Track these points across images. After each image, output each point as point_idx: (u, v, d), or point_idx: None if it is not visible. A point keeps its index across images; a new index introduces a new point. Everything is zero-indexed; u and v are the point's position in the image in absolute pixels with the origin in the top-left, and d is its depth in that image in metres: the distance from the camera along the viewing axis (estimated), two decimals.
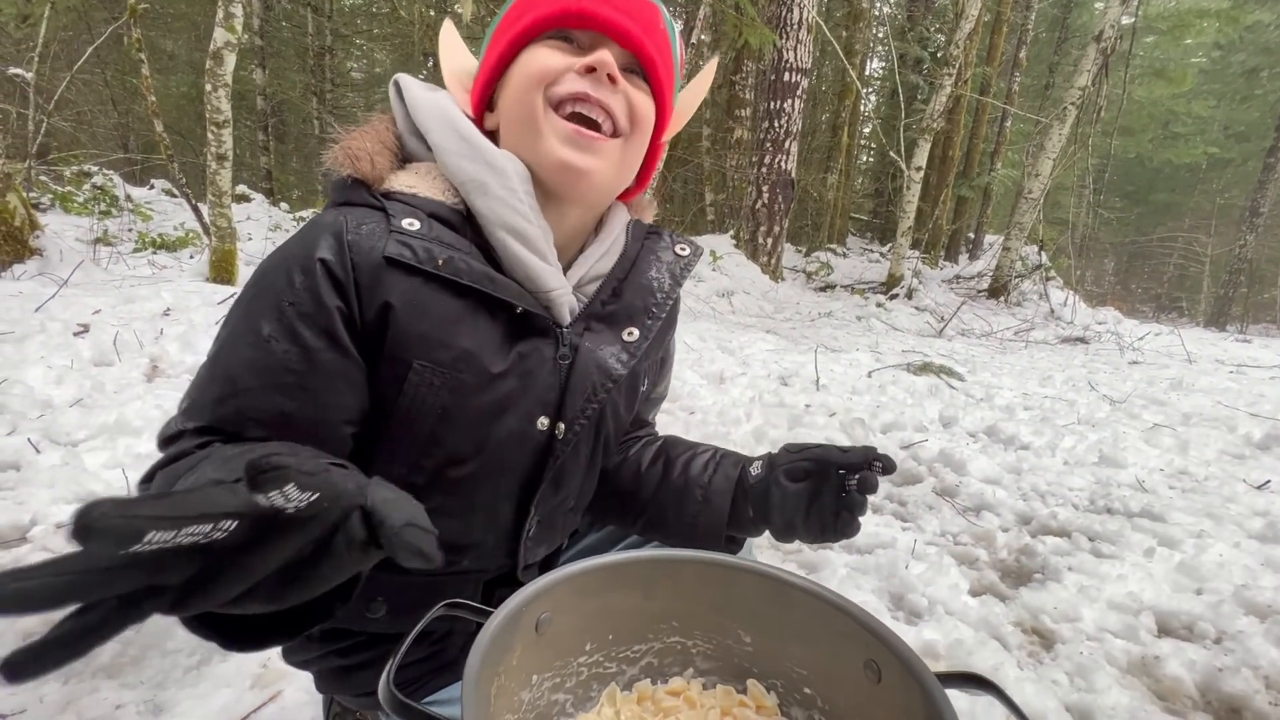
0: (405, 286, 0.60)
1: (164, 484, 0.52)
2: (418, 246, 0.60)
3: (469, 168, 0.63)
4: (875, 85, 15.77)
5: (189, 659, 1.22)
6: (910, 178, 8.02)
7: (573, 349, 0.68)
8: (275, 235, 7.23)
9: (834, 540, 0.67)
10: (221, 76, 4.24)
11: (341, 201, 0.63)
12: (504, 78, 0.67)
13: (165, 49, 12.41)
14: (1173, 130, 15.59)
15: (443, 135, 0.65)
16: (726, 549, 0.76)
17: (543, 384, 0.67)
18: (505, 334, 0.64)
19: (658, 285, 0.74)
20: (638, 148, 0.69)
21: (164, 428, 0.58)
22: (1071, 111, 7.68)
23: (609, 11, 0.62)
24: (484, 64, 0.69)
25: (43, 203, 6.37)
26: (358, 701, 0.78)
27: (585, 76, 0.62)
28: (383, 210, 0.62)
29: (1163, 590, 1.71)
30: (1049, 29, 15.20)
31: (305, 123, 13.78)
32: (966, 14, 7.62)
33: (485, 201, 0.63)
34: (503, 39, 0.66)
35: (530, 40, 0.65)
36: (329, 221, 0.60)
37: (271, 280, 0.59)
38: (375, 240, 0.60)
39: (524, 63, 0.64)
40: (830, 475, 0.66)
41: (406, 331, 0.60)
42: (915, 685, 0.48)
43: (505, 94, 0.67)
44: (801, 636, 0.57)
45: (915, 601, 1.58)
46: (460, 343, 0.61)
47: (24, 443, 1.88)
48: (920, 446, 2.68)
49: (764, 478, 0.71)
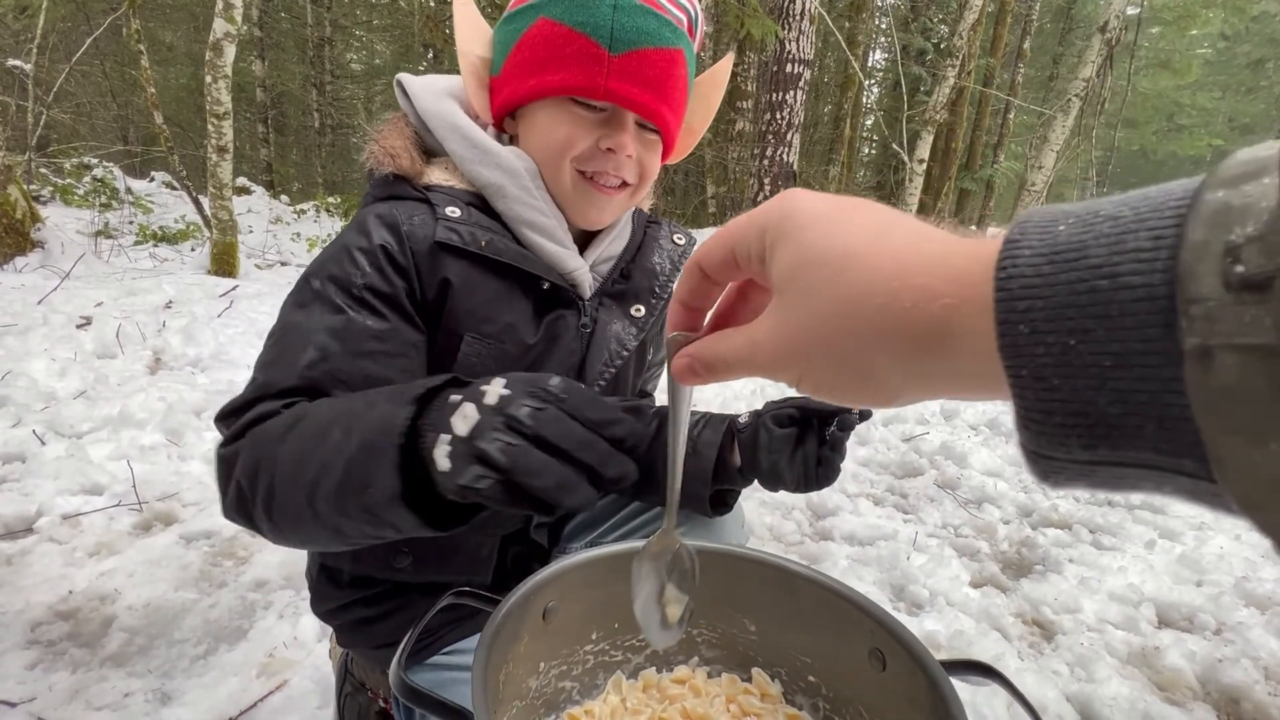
0: (457, 268, 0.67)
1: (268, 439, 0.55)
2: (463, 230, 0.67)
3: (485, 173, 0.70)
4: (878, 77, 15.68)
5: (196, 648, 1.23)
6: (913, 170, 7.98)
7: (593, 319, 0.77)
8: (276, 228, 7.22)
9: (816, 487, 0.72)
10: (221, 68, 4.22)
11: (386, 195, 0.69)
12: (525, 109, 0.71)
13: (164, 40, 12.34)
14: (1177, 122, 15.47)
15: (458, 145, 0.71)
16: (715, 510, 0.82)
17: (566, 349, 0.75)
18: (535, 308, 0.72)
19: (660, 269, 0.83)
20: (644, 188, 0.76)
21: (232, 401, 0.61)
22: (1075, 103, 7.63)
23: (632, 90, 0.66)
24: (504, 84, 0.70)
25: (43, 195, 6.36)
26: (376, 654, 0.81)
27: (606, 154, 0.68)
28: (427, 201, 0.68)
29: (1163, 582, 1.71)
30: (1053, 20, 15.07)
31: (305, 114, 13.72)
32: (970, 4, 7.56)
33: (505, 204, 0.70)
34: (528, 77, 0.67)
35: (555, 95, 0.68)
36: (384, 213, 0.67)
37: (340, 265, 0.65)
38: (426, 229, 0.66)
39: (550, 120, 0.68)
40: (813, 420, 0.73)
41: (459, 308, 0.68)
42: (920, 673, 0.48)
43: (529, 131, 0.71)
44: (806, 625, 0.57)
45: (917, 593, 1.59)
46: (503, 317, 0.69)
47: (29, 434, 1.89)
48: (922, 439, 2.68)
49: (751, 423, 0.77)
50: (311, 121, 13.40)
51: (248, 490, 0.54)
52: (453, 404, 0.44)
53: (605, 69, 0.64)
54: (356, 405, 0.51)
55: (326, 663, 1.20)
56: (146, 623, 1.28)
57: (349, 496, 0.48)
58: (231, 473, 0.56)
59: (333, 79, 13.71)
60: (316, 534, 0.53)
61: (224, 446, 0.59)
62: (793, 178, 7.60)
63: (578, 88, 0.65)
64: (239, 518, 0.57)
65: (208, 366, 2.67)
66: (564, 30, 0.63)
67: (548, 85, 0.66)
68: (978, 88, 10.23)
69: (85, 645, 1.22)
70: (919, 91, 10.72)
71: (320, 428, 0.51)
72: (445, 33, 9.08)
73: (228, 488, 0.57)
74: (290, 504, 0.51)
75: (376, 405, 0.50)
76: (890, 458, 2.53)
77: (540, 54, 0.65)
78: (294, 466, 0.51)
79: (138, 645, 1.23)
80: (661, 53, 0.66)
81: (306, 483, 0.50)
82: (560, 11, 0.64)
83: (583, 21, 0.63)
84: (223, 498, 0.58)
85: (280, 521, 0.53)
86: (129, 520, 1.61)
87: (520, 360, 0.71)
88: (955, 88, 8.18)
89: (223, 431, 0.60)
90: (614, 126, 0.67)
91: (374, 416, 0.48)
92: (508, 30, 0.68)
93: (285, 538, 0.56)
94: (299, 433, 0.52)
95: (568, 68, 0.64)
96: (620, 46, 0.63)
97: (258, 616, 1.32)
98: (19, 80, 6.47)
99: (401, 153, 0.70)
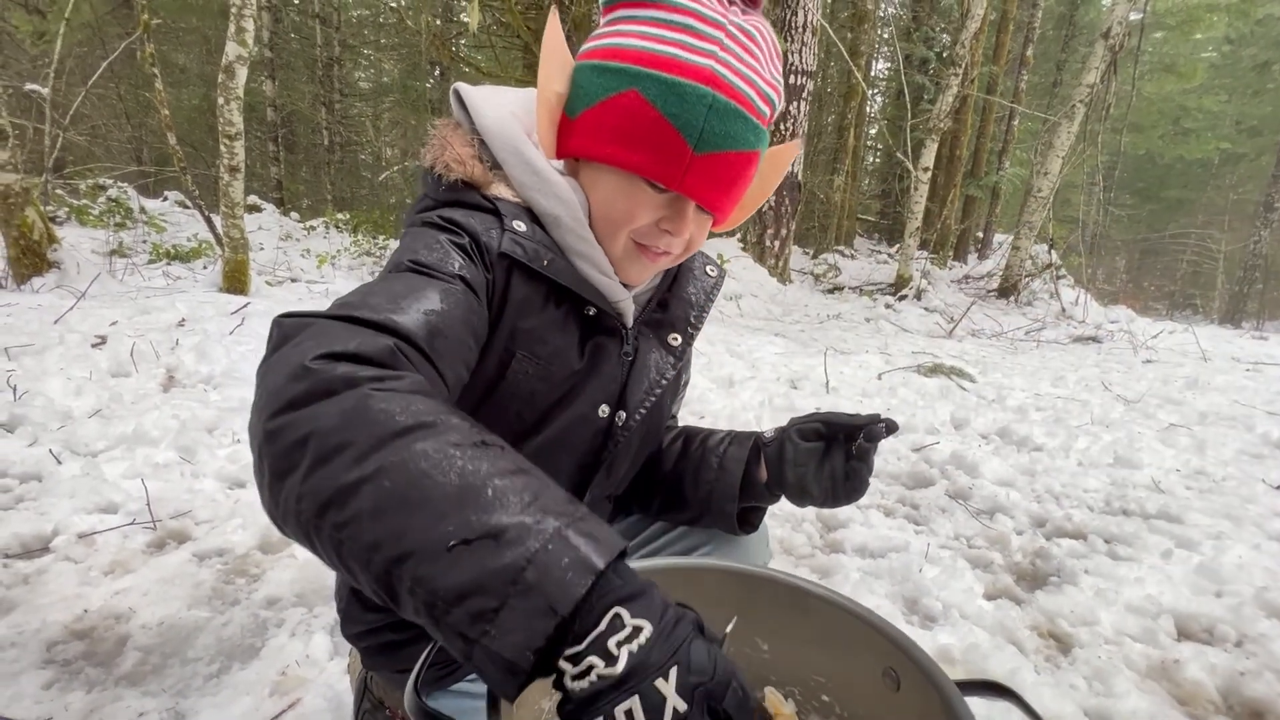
0: (518, 283, 0.67)
1: (378, 417, 0.43)
2: (528, 246, 0.67)
3: (543, 202, 0.70)
4: (881, 86, 15.73)
5: (209, 667, 1.23)
6: (917, 178, 7.99)
7: (634, 348, 0.78)
8: (286, 244, 7.31)
9: (844, 502, 0.72)
10: (233, 90, 4.29)
11: (454, 200, 0.69)
12: (594, 164, 0.70)
13: (177, 63, 12.59)
14: (1183, 126, 15.42)
15: (518, 170, 0.71)
16: (742, 529, 0.82)
17: (608, 376, 0.75)
18: (581, 333, 0.73)
19: (694, 300, 0.84)
20: (687, 255, 0.77)
21: (335, 307, 0.53)
22: (1080, 109, 7.62)
23: (706, 189, 0.67)
24: (579, 133, 0.68)
25: (59, 216, 6.47)
26: (400, 678, 0.81)
27: (663, 232, 0.70)
28: (496, 212, 0.68)
29: (1181, 593, 1.69)
30: (1056, 26, 15.10)
31: (314, 132, 13.93)
32: (972, 13, 7.59)
33: (559, 233, 0.70)
34: (607, 143, 0.65)
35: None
36: (461, 217, 0.66)
37: (432, 251, 0.62)
38: (493, 239, 0.66)
39: (617, 190, 0.68)
40: (840, 434, 0.73)
41: (517, 325, 0.68)
42: (934, 693, 0.48)
43: (592, 185, 0.70)
44: (819, 644, 0.57)
45: (930, 606, 1.57)
46: (554, 340, 0.70)
47: (45, 453, 1.91)
48: (932, 449, 2.67)
49: (778, 438, 0.77)
50: (321, 139, 13.60)
51: (310, 456, 0.41)
52: (620, 630, 0.37)
53: (685, 165, 0.64)
54: (512, 494, 0.40)
55: (340, 680, 1.20)
56: (160, 641, 1.29)
57: (451, 612, 0.37)
58: (307, 396, 0.43)
59: (341, 97, 13.93)
60: (348, 574, 0.42)
61: (323, 360, 0.45)
62: (798, 187, 7.63)
63: (656, 173, 0.65)
64: (266, 445, 0.43)
65: (220, 384, 2.70)
66: (655, 115, 0.62)
67: (626, 160, 0.65)
68: (981, 95, 10.25)
69: (100, 664, 1.23)
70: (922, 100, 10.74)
71: (462, 488, 0.40)
72: (451, 51, 9.21)
73: (295, 400, 0.44)
74: (356, 538, 0.40)
75: (543, 525, 0.39)
76: (901, 468, 2.52)
77: (625, 127, 0.64)
78: (399, 506, 0.40)
79: (152, 664, 1.24)
80: (741, 155, 0.66)
81: (404, 542, 0.39)
82: (656, 94, 0.62)
83: (676, 114, 0.62)
84: (271, 387, 0.45)
85: (320, 529, 0.41)
86: (143, 538, 1.62)
87: (565, 383, 0.72)
88: (958, 96, 8.19)
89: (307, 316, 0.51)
90: (676, 210, 0.68)
91: (544, 548, 0.38)
92: (595, 83, 0.65)
93: (295, 528, 0.43)
94: (428, 458, 0.41)
95: (650, 152, 0.64)
96: (705, 147, 0.63)
97: (270, 634, 1.33)
98: (37, 104, 6.61)
99: (470, 160, 0.70)
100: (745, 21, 0.65)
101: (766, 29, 0.67)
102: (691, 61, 0.61)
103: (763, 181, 0.76)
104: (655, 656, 0.36)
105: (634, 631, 0.37)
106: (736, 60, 0.63)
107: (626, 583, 0.39)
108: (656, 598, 0.40)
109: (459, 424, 0.45)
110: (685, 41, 0.62)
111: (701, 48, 0.62)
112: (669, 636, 0.38)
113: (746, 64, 0.64)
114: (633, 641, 0.37)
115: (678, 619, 0.39)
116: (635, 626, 0.37)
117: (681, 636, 0.38)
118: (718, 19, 0.63)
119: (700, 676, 0.37)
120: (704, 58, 0.62)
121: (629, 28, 0.64)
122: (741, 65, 0.63)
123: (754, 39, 0.65)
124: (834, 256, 10.26)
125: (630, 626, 0.37)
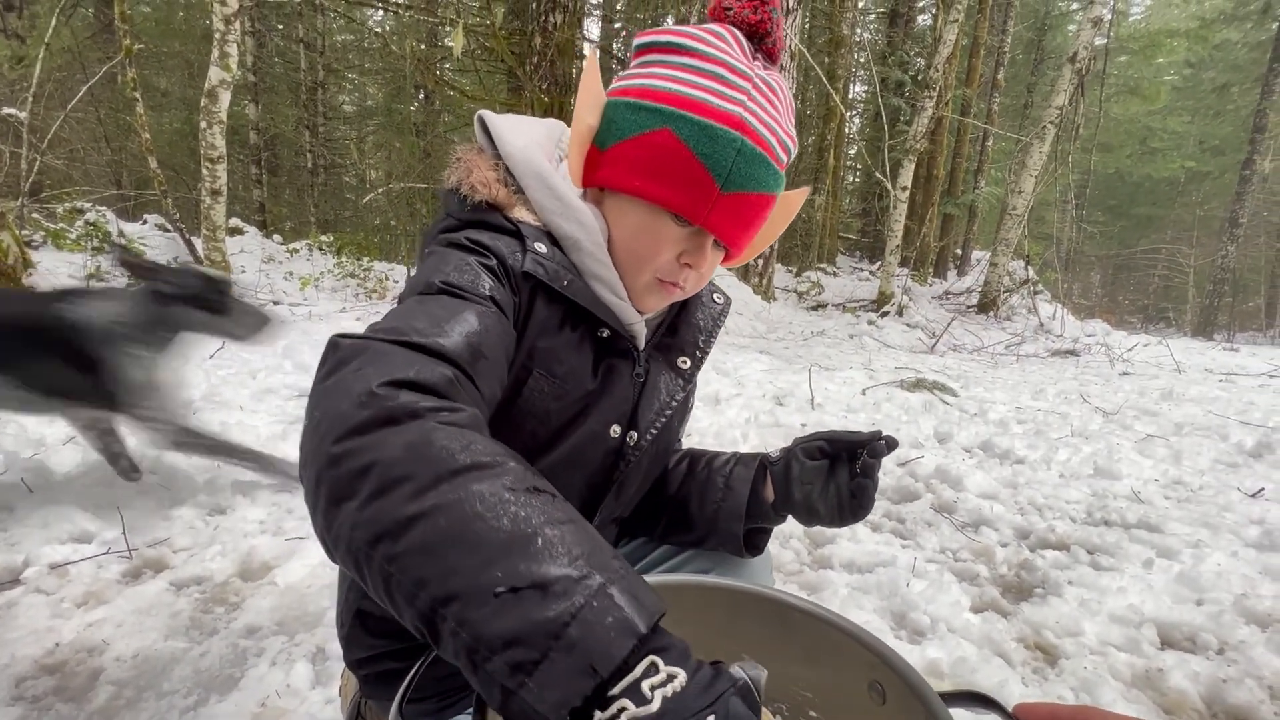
0: (539, 303, 0.69)
1: (439, 453, 0.43)
2: (549, 266, 0.69)
3: (564, 226, 0.72)
4: (859, 108, 16.10)
5: (186, 699, 1.20)
6: (896, 197, 8.15)
7: (645, 370, 0.80)
8: (269, 267, 7.25)
9: (851, 520, 0.74)
10: (216, 114, 4.30)
11: (477, 221, 0.71)
12: (620, 195, 0.72)
13: (159, 86, 12.55)
14: (1150, 145, 15.95)
15: (540, 194, 0.73)
16: (748, 551, 0.83)
17: (620, 396, 0.77)
18: (595, 354, 0.75)
19: (703, 326, 0.86)
20: (699, 287, 0.79)
21: (384, 331, 0.53)
22: (1050, 130, 7.86)
23: (728, 227, 0.70)
24: (609, 164, 0.70)
25: (35, 240, 6.38)
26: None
27: (683, 267, 0.73)
28: (518, 235, 0.70)
29: (1163, 602, 1.71)
30: (1025, 51, 15.62)
31: (298, 155, 13.90)
32: (944, 38, 7.83)
33: (579, 256, 0.72)
34: (637, 177, 0.68)
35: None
36: (487, 239, 0.68)
37: (461, 274, 0.64)
38: (516, 260, 0.68)
39: (644, 223, 0.71)
40: (843, 452, 0.75)
41: (536, 344, 0.69)
42: (919, 706, 0.48)
43: (617, 217, 0.73)
44: (805, 659, 0.57)
45: (917, 620, 1.57)
46: (570, 359, 0.72)
47: (17, 482, 1.87)
48: (916, 463, 2.69)
49: (784, 458, 0.79)
50: (304, 162, 13.57)
51: (370, 485, 0.42)
52: (654, 675, 0.38)
53: (711, 202, 0.67)
54: (559, 545, 0.41)
55: (322, 710, 1.17)
56: (135, 674, 1.25)
57: (492, 659, 0.37)
58: (373, 423, 0.44)
59: (325, 121, 13.94)
60: (390, 605, 0.42)
61: (389, 387, 0.46)
62: None
63: (683, 208, 0.68)
64: (328, 469, 0.43)
65: (200, 408, 2.65)
66: (687, 153, 0.65)
67: (656, 195, 0.68)
68: (955, 117, 10.53)
69: (72, 700, 1.19)
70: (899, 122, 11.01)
71: (514, 535, 0.40)
72: (436, 75, 9.28)
73: (362, 425, 0.44)
74: (405, 572, 0.40)
75: (590, 580, 0.39)
76: (886, 483, 2.53)
77: (657, 162, 0.67)
78: (451, 545, 0.40)
79: (126, 698, 1.20)
80: (762, 197, 0.70)
81: (451, 583, 0.39)
82: (688, 134, 0.65)
83: (707, 154, 0.65)
84: (337, 411, 0.45)
85: (371, 558, 0.41)
86: (118, 568, 1.58)
87: (578, 402, 0.73)
88: (933, 117, 8.40)
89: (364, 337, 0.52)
90: (696, 244, 0.72)
91: (589, 605, 0.38)
92: (629, 119, 0.68)
93: (345, 554, 0.43)
94: (482, 500, 0.41)
95: (679, 188, 0.67)
96: (731, 187, 0.67)
97: (249, 664, 1.30)
98: (13, 128, 6.55)
99: (495, 184, 0.72)
100: (768, 75, 0.70)
101: (784, 85, 0.72)
102: (722, 107, 0.65)
103: (773, 225, 0.80)
104: (693, 704, 0.37)
105: (668, 678, 0.37)
106: (761, 110, 0.67)
107: (663, 641, 0.40)
108: (691, 654, 0.40)
109: (515, 468, 0.45)
110: (716, 89, 0.66)
111: (732, 95, 0.66)
112: (708, 688, 0.38)
113: (770, 114, 0.68)
114: (666, 686, 0.37)
115: (716, 674, 0.39)
116: (670, 674, 0.37)
117: (721, 689, 0.38)
118: (745, 70, 0.67)
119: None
120: (734, 105, 0.66)
121: (662, 70, 0.68)
122: (765, 115, 0.68)
123: (775, 92, 0.70)
124: (817, 274, 10.40)
125: (665, 673, 0.37)
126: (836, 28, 11.06)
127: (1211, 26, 13.58)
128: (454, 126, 11.18)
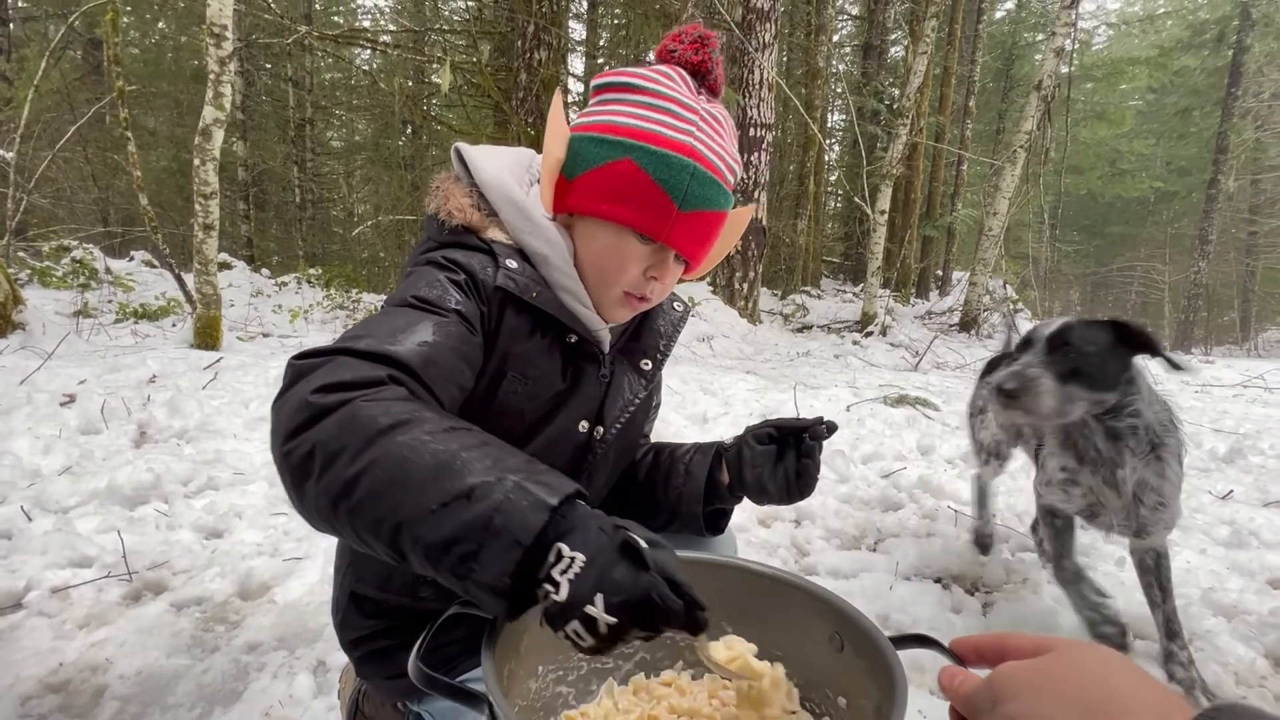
0: (510, 314, 0.77)
1: (367, 422, 0.52)
2: (519, 280, 0.77)
3: (534, 243, 0.80)
4: (837, 136, 16.56)
5: (190, 713, 1.23)
6: (876, 221, 8.38)
7: (609, 371, 0.88)
8: (257, 300, 7.29)
9: (798, 498, 0.82)
10: (209, 151, 4.39)
11: (454, 242, 0.79)
12: (588, 219, 0.81)
13: (148, 126, 12.68)
14: (1119, 167, 16.45)
15: (511, 215, 0.81)
16: (709, 531, 0.91)
17: (588, 395, 0.85)
18: (564, 358, 0.83)
19: (663, 331, 0.96)
20: (661, 298, 0.87)
21: (336, 344, 0.61)
22: (1021, 154, 8.14)
23: (687, 243, 0.80)
24: (576, 192, 0.79)
25: (20, 278, 6.39)
26: (390, 685, 0.86)
27: (649, 280, 0.81)
28: (490, 252, 0.78)
29: (1135, 597, 1.77)
30: (995, 79, 16.20)
31: (286, 190, 14.02)
32: (915, 69, 8.15)
33: (547, 270, 0.80)
34: (603, 202, 0.77)
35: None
36: (460, 256, 0.76)
37: (432, 289, 0.72)
38: (489, 275, 0.76)
39: (611, 244, 0.79)
40: (790, 437, 0.83)
41: (509, 350, 0.77)
42: (873, 649, 0.55)
43: (586, 238, 0.81)
44: (776, 620, 0.64)
45: (900, 622, 1.63)
46: (542, 363, 0.79)
47: (16, 511, 1.89)
48: (900, 474, 2.76)
49: (737, 444, 0.88)
50: (292, 197, 13.69)
51: (318, 463, 0.52)
52: (561, 562, 0.47)
53: (671, 221, 0.77)
54: (476, 462, 0.51)
55: (324, 716, 1.21)
56: (139, 690, 1.28)
57: (444, 558, 0.48)
58: (309, 421, 0.53)
59: (313, 156, 14.11)
60: (368, 548, 0.52)
61: (320, 392, 0.55)
62: (763, 232, 7.92)
63: (646, 227, 0.77)
64: (284, 463, 0.54)
65: (194, 438, 2.68)
66: (647, 179, 0.75)
67: (622, 216, 0.77)
68: (930, 143, 10.87)
69: (77, 717, 1.21)
70: (876, 148, 11.34)
71: (436, 465, 0.50)
72: (424, 110, 9.48)
73: (300, 426, 0.53)
74: (364, 517, 0.50)
75: (504, 480, 0.49)
76: (870, 494, 2.60)
77: (621, 188, 0.76)
78: (390, 487, 0.50)
79: (130, 714, 1.22)
80: (715, 215, 0.80)
81: (399, 514, 0.49)
82: (647, 163, 0.74)
83: (664, 179, 0.75)
84: (282, 420, 0.55)
85: (338, 516, 0.51)
86: (119, 591, 1.61)
87: (550, 402, 0.81)
88: (908, 144, 8.69)
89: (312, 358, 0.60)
90: (660, 259, 0.81)
91: (505, 498, 0.48)
92: (593, 151, 0.77)
93: (320, 521, 0.54)
94: (407, 446, 0.51)
95: (642, 210, 0.76)
96: (688, 206, 0.77)
97: (251, 678, 1.33)
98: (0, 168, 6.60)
99: (469, 209, 0.80)
100: (711, 108, 0.80)
101: (727, 116, 0.83)
102: (675, 138, 0.75)
103: (725, 237, 0.89)
104: (585, 585, 0.46)
105: (570, 562, 0.46)
106: (709, 138, 0.78)
107: (570, 519, 0.49)
108: (592, 528, 0.49)
109: (431, 416, 0.55)
110: (669, 122, 0.76)
111: (682, 127, 0.76)
112: (598, 564, 0.47)
113: (717, 141, 0.78)
114: (570, 571, 0.46)
115: (605, 546, 0.48)
116: (571, 558, 0.46)
117: (605, 561, 0.47)
118: (692, 104, 0.77)
119: (620, 595, 0.45)
120: (685, 135, 0.76)
121: (619, 107, 0.78)
122: (713, 142, 0.78)
123: (720, 122, 0.80)
124: (801, 297, 10.57)
125: (568, 559, 0.46)
126: (813, 60, 11.46)
127: (1170, 54, 14.18)
128: (442, 160, 11.37)
